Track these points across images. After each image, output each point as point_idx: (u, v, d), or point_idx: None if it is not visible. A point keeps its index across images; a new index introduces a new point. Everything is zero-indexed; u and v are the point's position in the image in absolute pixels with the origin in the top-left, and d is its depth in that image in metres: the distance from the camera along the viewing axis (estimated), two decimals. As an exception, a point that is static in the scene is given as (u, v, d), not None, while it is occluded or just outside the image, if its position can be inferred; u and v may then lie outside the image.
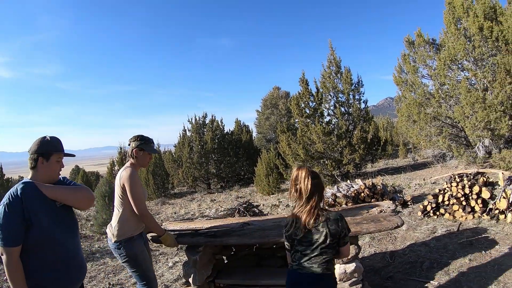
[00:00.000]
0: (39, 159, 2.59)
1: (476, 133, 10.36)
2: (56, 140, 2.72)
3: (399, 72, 13.90)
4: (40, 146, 2.62)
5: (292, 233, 2.56)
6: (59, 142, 2.74)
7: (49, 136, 2.70)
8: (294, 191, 2.53)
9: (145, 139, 3.62)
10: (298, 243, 2.55)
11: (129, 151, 3.59)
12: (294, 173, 2.54)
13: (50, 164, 2.63)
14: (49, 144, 2.65)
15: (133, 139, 3.61)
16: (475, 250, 4.73)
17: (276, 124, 27.63)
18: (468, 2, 11.07)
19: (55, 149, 2.66)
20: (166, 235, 3.66)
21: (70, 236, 2.69)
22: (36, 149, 2.60)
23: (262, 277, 4.17)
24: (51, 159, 2.63)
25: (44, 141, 2.65)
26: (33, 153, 2.60)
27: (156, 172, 19.94)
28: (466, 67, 11.11)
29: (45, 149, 2.62)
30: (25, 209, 2.42)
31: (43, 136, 2.69)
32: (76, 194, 2.70)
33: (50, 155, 2.62)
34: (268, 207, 10.98)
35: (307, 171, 2.51)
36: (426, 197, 7.49)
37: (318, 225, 2.46)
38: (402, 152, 21.21)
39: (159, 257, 6.93)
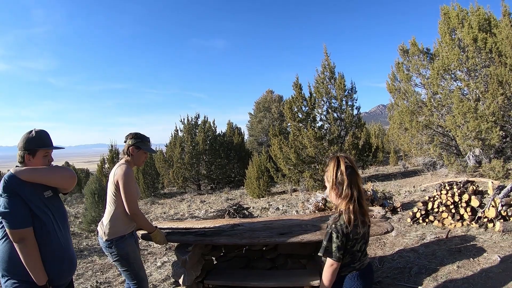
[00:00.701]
0: (25, 156, 2.60)
1: (467, 142, 10.45)
2: (42, 134, 2.71)
3: (392, 80, 14.00)
4: (26, 143, 2.62)
5: (353, 232, 2.31)
6: (46, 136, 2.73)
7: (35, 131, 2.69)
8: (347, 185, 2.30)
9: (142, 137, 3.60)
10: (357, 242, 2.37)
11: (125, 148, 3.56)
12: (342, 165, 2.33)
13: (36, 160, 2.64)
14: (34, 140, 2.65)
15: (130, 136, 3.57)
16: (463, 257, 4.76)
17: (268, 127, 27.65)
18: (463, 13, 11.19)
19: (41, 144, 2.66)
20: (156, 232, 3.64)
21: (61, 228, 2.69)
22: (22, 145, 2.61)
23: (251, 279, 4.16)
24: (37, 155, 2.64)
25: (29, 138, 2.65)
26: (20, 149, 2.61)
27: (147, 172, 19.89)
28: (459, 77, 11.22)
29: (31, 145, 2.62)
30: (22, 196, 2.45)
31: (29, 131, 2.69)
32: (54, 173, 2.67)
33: (36, 151, 2.63)
34: (258, 209, 10.97)
35: (353, 160, 2.41)
36: (415, 204, 7.53)
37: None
38: (393, 159, 21.31)
39: (147, 257, 6.89)
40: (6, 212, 2.38)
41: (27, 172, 2.53)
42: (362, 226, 2.35)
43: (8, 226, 2.38)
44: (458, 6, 11.46)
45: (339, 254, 2.29)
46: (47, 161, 2.71)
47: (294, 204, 11.11)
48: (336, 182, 2.34)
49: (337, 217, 2.35)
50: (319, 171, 13.46)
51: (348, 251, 2.34)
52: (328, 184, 2.40)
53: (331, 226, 2.32)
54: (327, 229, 2.35)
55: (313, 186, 13.45)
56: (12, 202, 2.40)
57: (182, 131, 20.76)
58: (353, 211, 2.28)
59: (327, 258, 2.34)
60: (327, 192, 2.47)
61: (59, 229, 2.64)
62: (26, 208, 2.44)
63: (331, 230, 2.31)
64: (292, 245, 4.26)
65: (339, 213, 2.35)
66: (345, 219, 2.28)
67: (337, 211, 2.40)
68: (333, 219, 2.35)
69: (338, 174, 2.33)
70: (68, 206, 16.54)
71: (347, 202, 2.30)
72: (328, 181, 2.40)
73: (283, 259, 4.56)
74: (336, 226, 2.29)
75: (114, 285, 5.59)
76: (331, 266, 2.33)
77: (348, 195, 2.29)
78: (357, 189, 2.33)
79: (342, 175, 2.31)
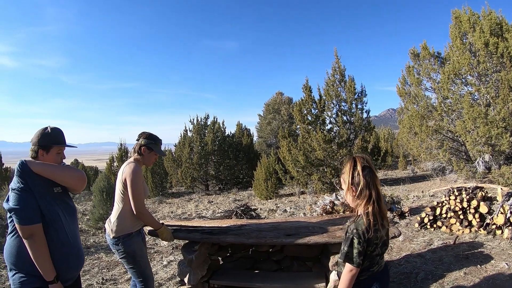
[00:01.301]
0: (39, 151, 2.63)
1: (476, 148, 10.37)
2: (57, 132, 2.73)
3: (402, 83, 13.93)
4: (40, 138, 2.64)
5: (373, 236, 2.23)
6: (60, 134, 2.75)
7: (50, 128, 2.71)
8: (365, 185, 2.23)
9: (155, 138, 3.62)
10: (377, 246, 2.31)
11: (136, 146, 3.58)
12: (359, 165, 2.26)
13: (50, 156, 2.66)
14: (49, 137, 2.67)
15: (143, 136, 3.60)
16: (470, 264, 4.73)
17: (277, 129, 27.65)
18: (474, 18, 11.11)
19: (56, 141, 2.69)
20: (163, 229, 3.67)
21: (71, 223, 2.71)
22: (36, 141, 2.63)
23: (257, 280, 4.17)
24: (51, 151, 2.66)
25: (45, 133, 2.67)
26: (34, 145, 2.63)
27: (155, 171, 19.98)
28: (470, 82, 11.14)
29: (45, 141, 2.64)
30: (32, 189, 2.48)
31: (45, 128, 2.70)
32: (65, 172, 2.68)
33: (50, 148, 2.65)
34: (266, 211, 10.98)
35: (370, 161, 2.34)
36: (424, 209, 7.48)
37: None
38: (402, 164, 21.20)
39: (154, 255, 6.93)
40: (16, 208, 2.39)
41: (39, 165, 2.56)
42: (381, 229, 2.29)
43: (17, 222, 2.40)
44: (469, 10, 11.38)
45: (359, 260, 2.23)
46: (59, 158, 2.73)
47: (301, 206, 11.09)
48: (353, 183, 2.28)
49: (357, 221, 2.26)
50: (327, 174, 13.44)
51: (368, 256, 2.28)
52: (345, 185, 2.34)
53: (352, 231, 2.24)
54: (348, 234, 2.27)
55: (321, 189, 13.43)
56: (22, 198, 2.41)
57: (191, 131, 20.84)
58: (373, 213, 2.22)
59: (346, 264, 2.27)
60: (344, 194, 2.41)
61: (68, 225, 2.66)
62: (36, 203, 2.45)
63: (352, 235, 2.23)
64: (298, 247, 4.26)
65: (359, 216, 2.28)
66: (365, 223, 2.22)
67: (355, 214, 2.35)
68: (354, 224, 2.26)
69: (355, 174, 2.27)
70: (76, 203, 16.65)
71: (365, 203, 2.24)
72: (344, 182, 2.35)
73: (289, 261, 4.57)
74: (358, 231, 2.21)
75: (120, 282, 5.63)
76: (350, 271, 2.26)
77: (366, 196, 2.23)
78: (375, 190, 2.26)
79: (359, 176, 2.25)
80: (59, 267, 2.54)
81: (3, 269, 6.35)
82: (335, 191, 11.61)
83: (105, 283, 5.62)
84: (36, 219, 2.42)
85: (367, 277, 2.33)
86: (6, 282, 5.76)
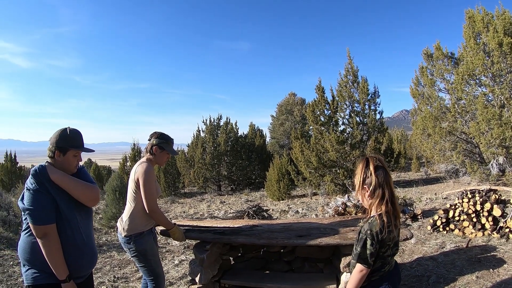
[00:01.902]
0: (56, 152, 2.64)
1: (490, 150, 10.28)
2: (75, 134, 2.75)
3: (416, 84, 13.82)
4: (58, 140, 2.65)
5: (386, 238, 2.22)
6: (78, 137, 2.76)
7: (69, 130, 2.73)
8: (378, 185, 2.23)
9: (166, 138, 3.66)
10: (390, 247, 2.30)
11: (148, 146, 3.63)
12: (371, 165, 2.26)
13: (66, 158, 2.68)
14: (67, 139, 2.68)
15: (155, 135, 3.64)
16: (483, 267, 4.69)
17: (290, 130, 27.65)
18: (488, 17, 10.99)
19: (73, 145, 2.70)
20: (175, 229, 3.71)
21: (86, 223, 2.76)
22: (54, 141, 2.65)
23: (268, 280, 4.19)
24: (68, 154, 2.68)
25: (63, 135, 2.68)
26: (52, 145, 2.65)
27: (168, 171, 20.10)
28: (484, 82, 11.03)
29: (63, 144, 2.66)
30: (50, 189, 2.52)
31: (64, 129, 2.72)
32: (80, 190, 2.70)
33: (67, 150, 2.67)
34: (278, 212, 11.00)
35: (384, 161, 2.33)
36: (436, 211, 7.44)
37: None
38: (415, 166, 21.04)
39: (165, 254, 7.00)
40: (31, 208, 2.42)
41: (57, 175, 2.59)
42: (394, 230, 2.27)
43: (31, 221, 2.43)
44: (483, 10, 11.25)
45: (370, 261, 2.22)
46: (76, 161, 2.76)
47: (313, 207, 11.09)
48: (365, 182, 2.27)
49: (371, 221, 2.25)
50: (340, 175, 13.41)
51: (381, 257, 2.28)
52: (358, 185, 2.32)
53: (365, 232, 2.23)
54: (361, 235, 2.26)
55: (334, 190, 13.41)
56: (37, 198, 2.45)
57: (204, 131, 20.93)
58: (386, 213, 2.20)
59: (357, 264, 2.27)
60: (355, 194, 2.40)
61: (83, 225, 2.70)
62: (51, 203, 2.49)
63: (365, 236, 2.22)
64: (309, 248, 4.27)
65: (373, 216, 2.27)
66: (379, 224, 2.20)
67: (369, 215, 2.32)
68: (368, 224, 2.25)
69: (367, 174, 2.26)
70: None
71: (378, 203, 2.23)
72: (357, 182, 2.33)
73: (300, 262, 4.57)
74: (372, 231, 2.20)
75: (131, 281, 5.70)
76: (360, 272, 2.25)
77: (379, 196, 2.22)
78: (389, 190, 2.24)
79: (372, 175, 2.24)
80: (73, 265, 2.58)
81: (16, 266, 6.46)
82: (348, 192, 11.59)
83: (116, 281, 5.69)
84: (49, 220, 2.46)
85: (378, 277, 2.33)
86: (18, 278, 5.86)
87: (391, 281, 2.38)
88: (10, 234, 8.65)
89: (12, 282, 5.70)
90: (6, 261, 6.75)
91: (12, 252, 7.27)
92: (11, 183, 25.49)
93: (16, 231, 8.74)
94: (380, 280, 2.35)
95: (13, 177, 26.75)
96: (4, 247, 7.63)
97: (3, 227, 9.17)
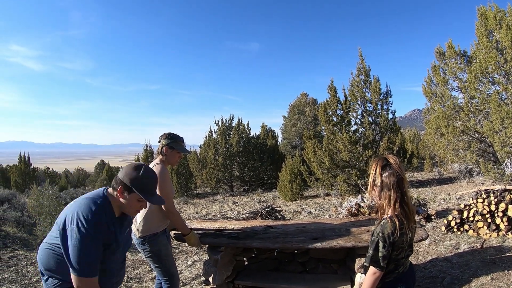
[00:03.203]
0: (120, 188, 2.34)
1: (504, 149, 10.19)
2: (148, 179, 2.41)
3: (428, 83, 13.72)
4: (131, 180, 2.33)
5: (399, 240, 2.20)
6: (151, 182, 2.44)
7: (143, 171, 2.39)
8: (392, 186, 2.19)
9: (175, 137, 3.71)
10: (403, 250, 2.28)
11: (159, 148, 3.69)
12: (386, 165, 2.25)
13: (130, 200, 2.34)
14: (138, 183, 2.34)
15: (164, 136, 3.70)
16: (498, 269, 4.67)
17: (302, 130, 27.62)
18: (501, 14, 10.87)
19: (142, 190, 2.34)
20: (191, 235, 3.74)
21: (126, 249, 2.60)
22: (123, 179, 2.33)
23: (281, 281, 4.21)
24: (132, 196, 2.34)
25: (136, 177, 2.33)
26: (120, 180, 2.34)
27: (180, 172, 20.22)
28: (497, 80, 10.92)
29: (132, 185, 2.32)
30: (108, 232, 2.27)
31: (139, 166, 2.40)
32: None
33: (132, 193, 2.33)
34: (290, 213, 11.01)
35: (398, 160, 2.28)
36: (450, 212, 7.40)
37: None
38: (428, 166, 20.90)
39: (178, 255, 7.06)
40: (81, 257, 2.10)
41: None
42: (408, 232, 2.23)
43: (76, 273, 2.12)
44: (495, 7, 11.12)
45: (383, 264, 2.19)
46: (139, 206, 2.42)
47: (326, 208, 11.09)
48: (380, 183, 2.24)
49: (383, 223, 2.22)
50: (352, 176, 13.39)
51: (393, 259, 2.25)
52: (371, 185, 2.30)
53: (377, 234, 2.21)
54: (373, 237, 2.24)
55: (347, 190, 13.39)
56: (91, 246, 2.13)
57: (216, 132, 21.03)
58: (398, 215, 2.18)
59: (371, 266, 2.25)
60: (368, 194, 2.39)
61: (124, 251, 2.55)
62: (101, 250, 2.21)
63: (377, 239, 2.20)
64: (324, 250, 4.28)
65: (385, 218, 2.24)
66: (391, 226, 2.17)
67: (382, 216, 2.28)
68: (380, 226, 2.22)
69: (383, 174, 2.23)
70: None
71: (390, 205, 2.20)
72: (371, 182, 2.30)
73: (314, 263, 4.58)
74: (383, 234, 2.17)
75: (144, 281, 5.76)
76: (373, 274, 2.23)
77: (387, 198, 2.20)
78: (401, 191, 2.20)
79: (379, 177, 2.23)
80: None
81: (30, 266, 6.57)
82: (361, 193, 11.56)
83: (130, 281, 5.75)
84: (96, 271, 2.20)
85: (392, 279, 2.32)
86: (32, 278, 5.94)
87: (406, 283, 2.37)
88: (24, 235, 8.80)
89: (26, 282, 5.78)
90: (20, 261, 6.86)
91: (26, 252, 7.39)
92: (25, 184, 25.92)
93: (30, 232, 8.88)
94: (395, 281, 2.33)
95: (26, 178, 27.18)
96: (18, 247, 7.76)
97: (17, 227, 9.33)
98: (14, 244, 7.89)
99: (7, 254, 7.14)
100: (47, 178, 26.26)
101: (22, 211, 11.29)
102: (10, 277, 5.93)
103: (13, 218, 9.86)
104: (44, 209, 9.03)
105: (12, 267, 6.47)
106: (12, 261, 6.78)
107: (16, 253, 7.33)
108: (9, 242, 7.99)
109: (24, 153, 28.13)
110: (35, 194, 9.98)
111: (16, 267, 6.49)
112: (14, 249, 7.55)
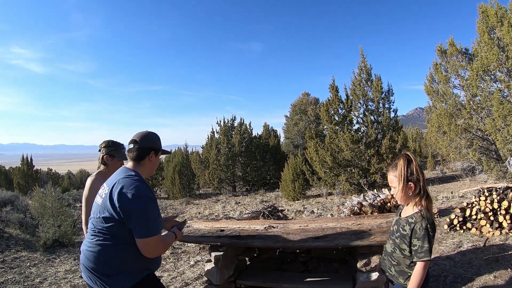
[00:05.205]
0: (151, 153, 2.61)
1: (507, 147, 10.16)
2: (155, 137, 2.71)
3: (430, 81, 13.69)
4: (159, 142, 2.67)
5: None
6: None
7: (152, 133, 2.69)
8: (421, 180, 2.29)
9: (115, 144, 3.54)
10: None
11: (100, 157, 3.50)
12: (413, 161, 2.32)
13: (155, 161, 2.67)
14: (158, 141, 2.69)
15: (104, 144, 3.51)
16: (500, 267, 4.65)
17: (304, 130, 27.62)
18: (502, 11, 10.84)
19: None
20: None
21: None
22: (153, 144, 2.62)
23: (284, 281, 4.20)
24: (158, 156, 2.68)
25: (156, 137, 2.68)
26: (149, 147, 2.59)
27: (183, 172, 20.22)
28: (499, 78, 10.90)
29: (158, 146, 2.66)
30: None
31: (152, 132, 2.68)
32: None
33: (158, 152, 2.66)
34: (293, 212, 11.01)
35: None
36: (453, 210, 7.38)
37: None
38: (431, 164, 20.88)
39: (181, 255, 7.06)
40: (157, 219, 2.40)
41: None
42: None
43: (149, 233, 2.31)
44: (496, 4, 11.09)
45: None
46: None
47: (329, 207, 11.08)
48: (411, 179, 2.29)
49: (425, 215, 2.24)
50: (355, 175, 13.37)
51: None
52: (400, 182, 2.31)
53: (426, 227, 2.21)
54: (424, 231, 2.22)
55: (349, 190, 13.37)
56: (155, 206, 2.38)
57: (218, 133, 21.04)
58: (427, 208, 2.26)
59: (419, 262, 2.26)
60: (396, 192, 2.37)
61: None
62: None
63: (427, 231, 2.21)
64: (326, 249, 4.28)
65: (417, 212, 2.29)
66: (430, 217, 2.24)
67: (415, 209, 2.33)
68: (425, 220, 2.23)
69: (413, 171, 2.29)
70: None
71: (424, 199, 2.28)
72: (400, 179, 2.31)
73: (316, 262, 4.57)
74: (433, 226, 2.23)
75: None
76: (426, 267, 2.27)
77: (425, 192, 2.28)
78: (426, 186, 2.32)
79: (416, 172, 2.28)
80: (156, 262, 2.58)
81: (33, 267, 6.56)
82: (363, 192, 11.55)
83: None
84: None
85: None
86: (35, 279, 5.93)
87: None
88: (27, 236, 8.81)
89: (29, 283, 5.80)
90: (23, 262, 6.89)
91: (29, 253, 7.41)
92: (28, 186, 25.97)
93: (33, 233, 8.88)
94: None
95: (29, 180, 27.21)
96: (21, 248, 7.78)
97: (20, 229, 9.35)
98: (17, 246, 7.91)
99: (10, 256, 7.17)
100: (49, 179, 26.34)
101: (25, 212, 11.31)
102: (13, 279, 5.95)
103: (16, 219, 9.88)
104: (46, 211, 9.05)
105: (15, 268, 6.49)
106: (15, 263, 6.81)
107: (19, 254, 7.35)
108: (12, 244, 8.01)
109: (26, 155, 28.20)
110: (38, 196, 9.99)
111: (19, 268, 6.51)
112: (17, 251, 7.57)
